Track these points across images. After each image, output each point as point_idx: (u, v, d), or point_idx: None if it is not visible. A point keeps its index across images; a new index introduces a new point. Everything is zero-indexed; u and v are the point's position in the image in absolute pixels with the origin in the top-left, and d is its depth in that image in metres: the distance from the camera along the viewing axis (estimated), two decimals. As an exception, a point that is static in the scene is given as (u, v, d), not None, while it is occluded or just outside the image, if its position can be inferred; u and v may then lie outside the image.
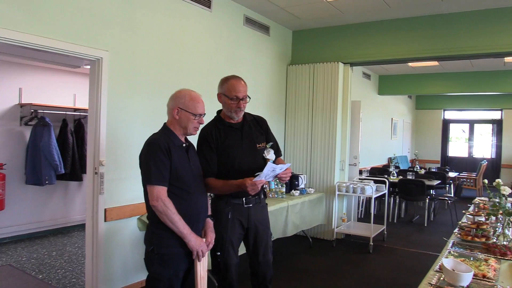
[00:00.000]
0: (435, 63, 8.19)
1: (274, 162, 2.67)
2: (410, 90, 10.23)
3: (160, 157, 2.25)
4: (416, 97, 13.48)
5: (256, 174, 2.44)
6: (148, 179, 2.25)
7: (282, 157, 2.98)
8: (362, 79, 8.97)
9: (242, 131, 2.72)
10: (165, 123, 2.47)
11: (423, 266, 4.80)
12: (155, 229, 2.31)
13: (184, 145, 2.43)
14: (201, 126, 2.62)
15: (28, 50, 3.39)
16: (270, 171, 2.44)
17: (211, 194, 2.81)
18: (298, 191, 5.29)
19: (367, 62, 5.92)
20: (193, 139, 2.66)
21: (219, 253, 2.63)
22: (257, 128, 2.82)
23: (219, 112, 2.81)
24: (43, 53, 3.47)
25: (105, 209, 3.59)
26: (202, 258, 2.35)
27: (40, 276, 4.25)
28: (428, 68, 9.05)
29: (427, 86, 9.76)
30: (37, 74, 5.75)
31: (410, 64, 8.45)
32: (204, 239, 2.39)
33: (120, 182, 3.68)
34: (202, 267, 2.39)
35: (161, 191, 2.23)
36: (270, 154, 2.71)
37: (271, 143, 2.80)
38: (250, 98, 2.70)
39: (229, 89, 2.62)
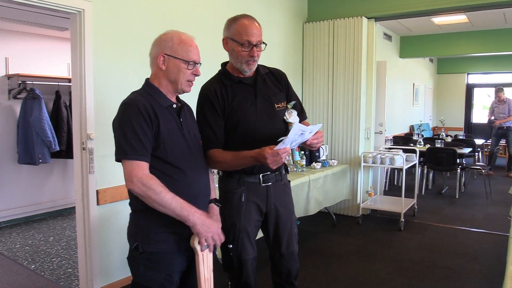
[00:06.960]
0: (464, 19, 7.38)
1: None
2: (434, 51, 9.45)
3: (139, 122, 1.63)
4: (437, 61, 12.64)
5: (279, 140, 1.79)
6: (122, 153, 1.63)
7: (307, 121, 2.32)
8: (383, 41, 8.20)
9: (256, 88, 2.07)
10: (147, 79, 1.82)
11: (464, 245, 4.23)
12: (139, 219, 1.72)
13: (174, 106, 1.80)
14: (199, 84, 2.01)
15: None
16: (297, 135, 1.80)
17: (218, 172, 2.20)
18: (320, 164, 4.68)
19: (395, 16, 5.16)
20: (189, 100, 2.05)
21: (231, 246, 2.04)
22: (274, 84, 2.17)
23: (224, 65, 2.16)
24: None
25: (97, 191, 3.06)
26: (208, 253, 1.76)
27: (33, 266, 3.78)
28: (456, 26, 8.21)
29: (453, 47, 8.98)
30: (25, 41, 5.15)
31: (436, 22, 7.65)
32: (218, 222, 1.81)
33: (112, 158, 3.04)
34: (206, 266, 1.79)
35: (136, 168, 1.61)
36: (292, 117, 2.07)
37: (293, 102, 2.16)
38: (266, 44, 2.04)
39: (239, 32, 1.96)
